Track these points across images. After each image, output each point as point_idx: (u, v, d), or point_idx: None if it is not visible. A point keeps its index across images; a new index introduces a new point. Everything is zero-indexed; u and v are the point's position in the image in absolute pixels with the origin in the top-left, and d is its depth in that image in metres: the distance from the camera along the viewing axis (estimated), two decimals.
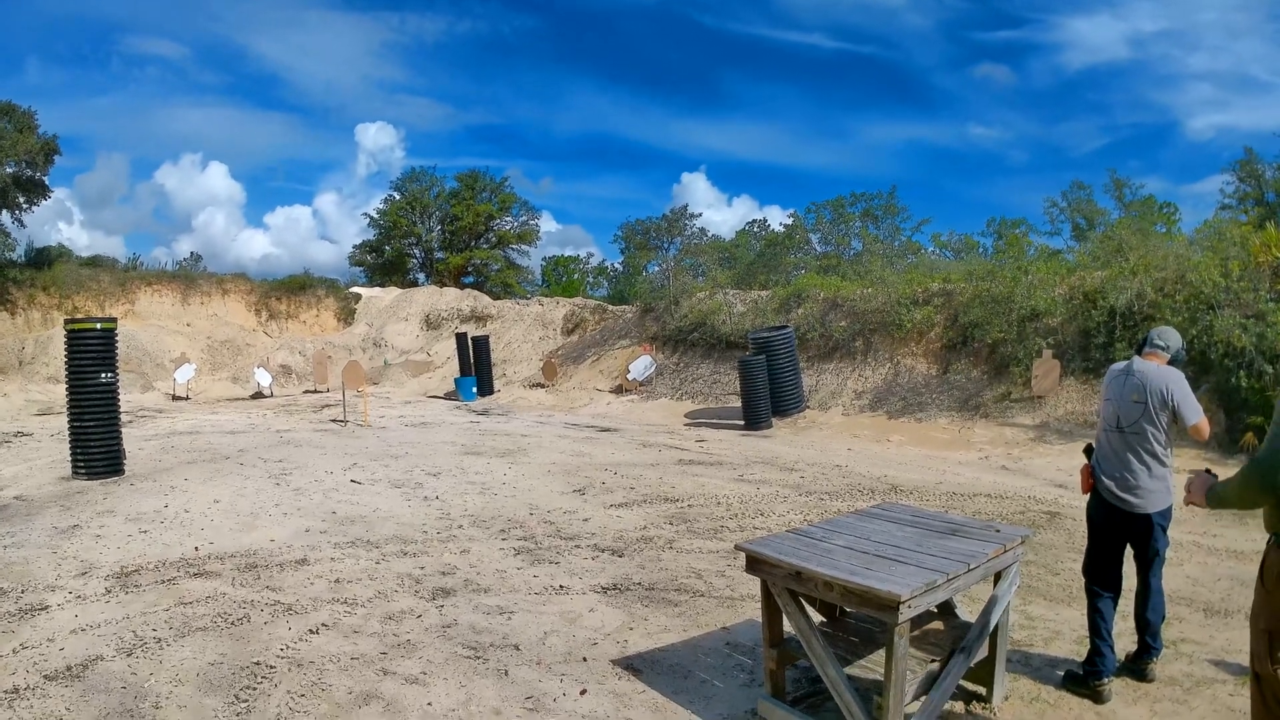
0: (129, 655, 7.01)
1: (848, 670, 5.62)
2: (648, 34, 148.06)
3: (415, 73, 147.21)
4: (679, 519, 12.06)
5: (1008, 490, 14.01)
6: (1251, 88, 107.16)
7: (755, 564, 5.95)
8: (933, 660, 5.73)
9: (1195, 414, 6.58)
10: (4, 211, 39.49)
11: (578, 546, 10.59)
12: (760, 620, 6.29)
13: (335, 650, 7.15)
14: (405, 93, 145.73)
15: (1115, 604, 6.72)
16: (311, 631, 7.57)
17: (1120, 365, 6.90)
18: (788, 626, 5.93)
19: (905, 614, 5.01)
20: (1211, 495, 4.54)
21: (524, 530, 11.42)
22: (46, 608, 8.19)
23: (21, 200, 40.07)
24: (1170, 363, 6.80)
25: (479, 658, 7.06)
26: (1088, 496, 6.82)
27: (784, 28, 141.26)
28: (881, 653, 5.51)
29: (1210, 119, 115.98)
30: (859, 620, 6.54)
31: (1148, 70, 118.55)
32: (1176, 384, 6.61)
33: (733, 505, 12.94)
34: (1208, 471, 4.76)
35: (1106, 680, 6.38)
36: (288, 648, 7.18)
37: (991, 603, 5.99)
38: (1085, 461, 6.93)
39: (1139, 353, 6.89)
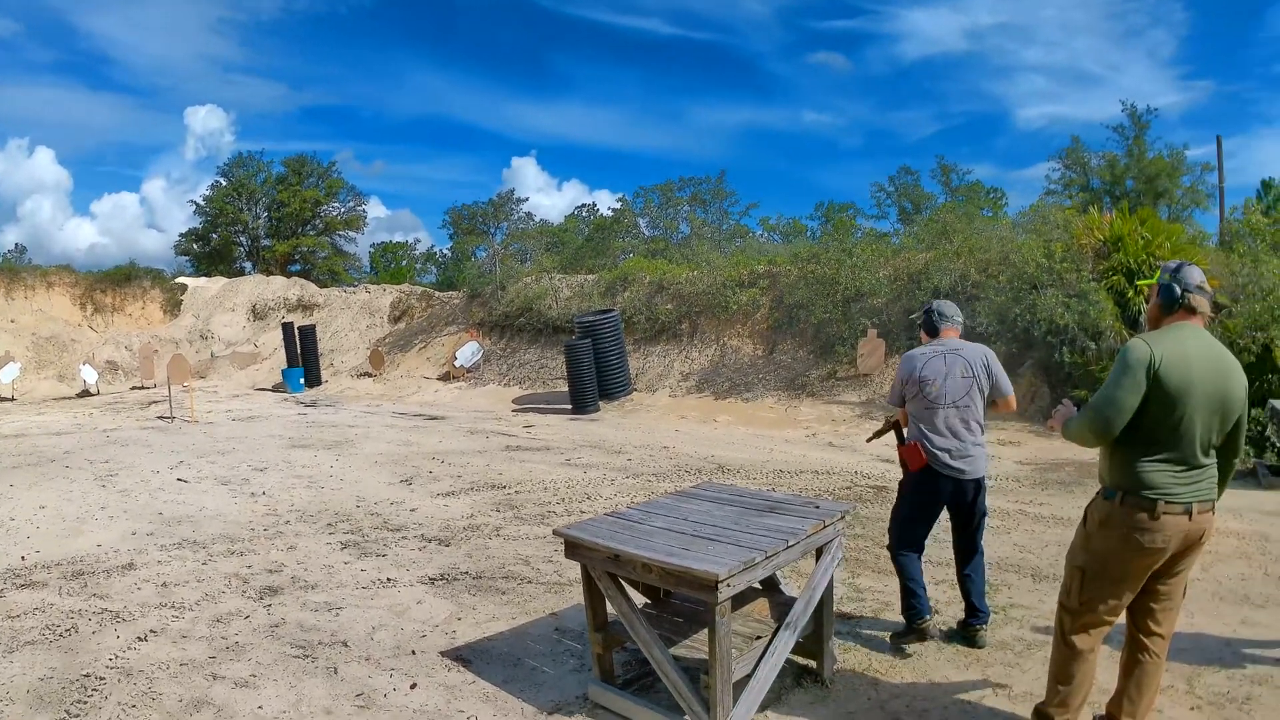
0: None
1: (674, 651, 5.75)
2: (484, 13, 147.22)
3: (251, 50, 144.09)
4: (506, 506, 12.30)
5: (834, 466, 14.52)
6: (1084, 81, 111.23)
7: (574, 548, 6.07)
8: (758, 637, 5.85)
9: (1010, 386, 7.16)
10: None
11: (405, 538, 10.75)
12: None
13: (164, 657, 7.09)
14: (240, 72, 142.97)
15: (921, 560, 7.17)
16: (140, 639, 7.52)
17: (930, 348, 7.14)
18: (612, 610, 5.99)
19: (725, 593, 5.10)
20: (1066, 426, 5.14)
21: (351, 523, 11.55)
22: None
23: None
24: (945, 317, 7.28)
25: (308, 656, 7.09)
26: (920, 472, 7.08)
27: (621, 12, 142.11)
28: (706, 632, 5.56)
29: (1041, 109, 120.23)
30: (683, 600, 6.58)
31: (983, 62, 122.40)
32: (992, 358, 7.11)
33: (560, 490, 13.23)
34: (1073, 402, 5.35)
35: (928, 617, 6.93)
36: (117, 657, 7.13)
37: (814, 578, 6.13)
38: (898, 443, 7.46)
39: (933, 332, 7.24)
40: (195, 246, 69.22)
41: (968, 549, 7.17)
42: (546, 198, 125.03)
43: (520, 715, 6.05)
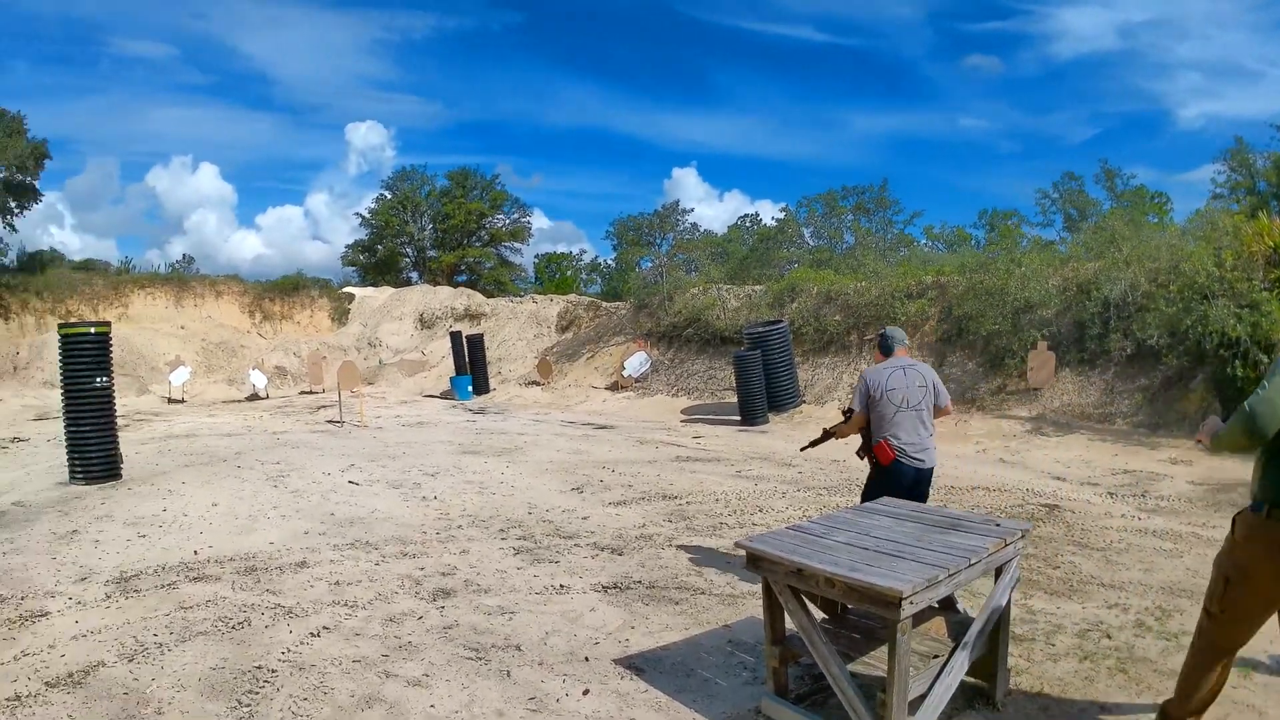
0: (130, 661, 6.97)
1: (850, 667, 5.54)
2: (634, 28, 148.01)
3: (404, 70, 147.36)
4: (678, 516, 12.00)
5: (1005, 483, 13.95)
6: (1240, 76, 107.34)
7: (756, 561, 5.88)
8: (935, 656, 5.66)
9: (948, 397, 8.68)
10: None
11: (577, 545, 10.54)
12: (761, 618, 6.25)
13: (337, 653, 7.10)
14: (394, 90, 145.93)
15: None
16: (312, 634, 7.52)
17: (889, 365, 8.44)
18: (789, 624, 5.82)
19: (907, 610, 4.93)
20: (1214, 438, 4.85)
21: (523, 529, 11.37)
22: (46, 614, 8.16)
23: (12, 205, 40.15)
24: (893, 343, 8.63)
25: (481, 659, 6.99)
26: (890, 465, 8.32)
27: (770, 20, 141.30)
28: (884, 649, 5.46)
29: (1201, 108, 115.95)
30: (860, 617, 6.44)
31: (1138, 60, 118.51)
32: (934, 373, 8.60)
33: (731, 502, 12.88)
34: (1218, 417, 5.08)
35: None
36: (289, 651, 7.13)
37: (993, 598, 5.94)
38: (863, 443, 8.66)
39: (888, 352, 8.56)
40: (362, 257, 70.36)
41: None
42: (709, 208, 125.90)
43: None
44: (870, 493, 8.44)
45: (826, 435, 9.11)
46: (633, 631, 7.65)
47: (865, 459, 8.69)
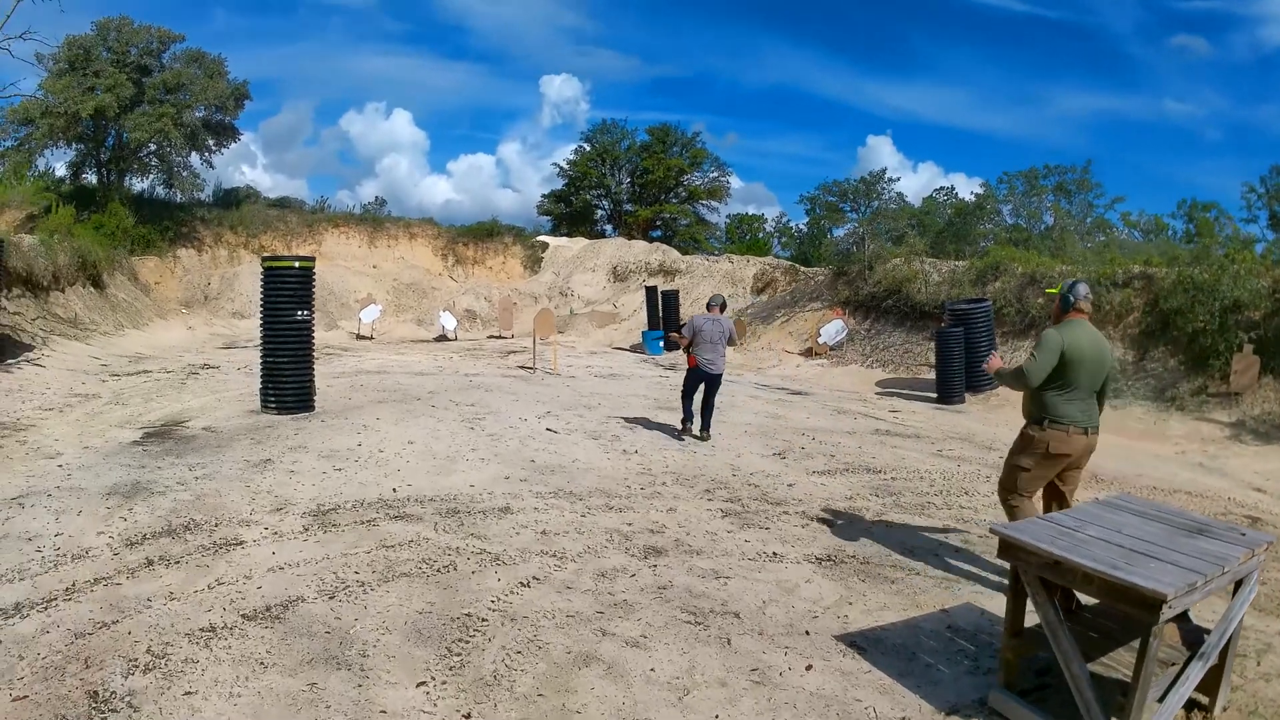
0: (331, 598, 6.82)
1: (1091, 667, 5.40)
2: None
3: (602, 23, 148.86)
4: (884, 491, 11.61)
5: (1207, 489, 13.29)
6: None
7: (1010, 549, 5.75)
8: (1172, 664, 5.51)
9: (735, 335, 14.77)
10: (193, 153, 40.78)
11: (785, 513, 10.20)
12: (978, 606, 7.32)
13: (549, 606, 6.98)
14: (591, 44, 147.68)
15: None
16: (522, 585, 7.38)
17: (707, 316, 14.49)
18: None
19: (1167, 614, 4.85)
20: (998, 374, 8.11)
21: (729, 492, 11.05)
22: (242, 543, 8.05)
23: (211, 143, 41.28)
24: (722, 310, 14.66)
25: (699, 624, 6.82)
26: (694, 367, 14.35)
27: None
28: (1118, 651, 5.75)
29: None
30: (1096, 616, 6.35)
31: None
32: (730, 323, 14.56)
33: (935, 481, 12.44)
34: (998, 354, 8.79)
35: (690, 423, 14.81)
36: (499, 600, 7.02)
37: (1231, 610, 5.75)
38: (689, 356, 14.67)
39: (711, 309, 14.68)
40: (558, 207, 70.70)
41: (708, 401, 14.65)
42: (902, 178, 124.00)
43: (919, 713, 5.73)
44: (687, 380, 14.84)
45: (671, 342, 16.67)
46: (850, 608, 7.43)
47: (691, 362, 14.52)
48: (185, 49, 39.56)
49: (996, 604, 7.32)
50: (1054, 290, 8.38)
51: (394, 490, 10.12)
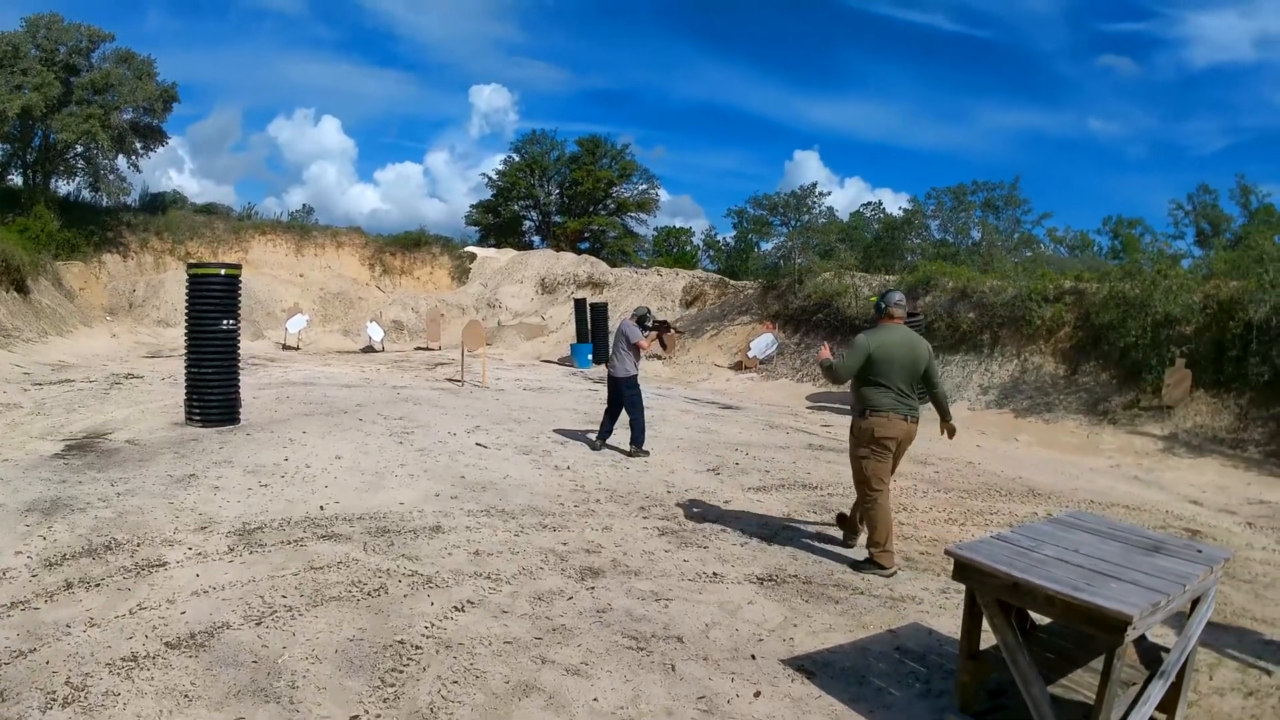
0: (258, 624, 6.58)
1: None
2: (767, 3, 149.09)
3: (532, 35, 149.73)
4: (821, 507, 11.54)
5: (1143, 503, 13.33)
6: None
7: (966, 571, 5.57)
8: (1131, 684, 5.41)
9: (635, 337, 14.45)
10: (120, 156, 40.78)
11: (723, 530, 10.12)
12: (925, 625, 7.28)
13: (485, 632, 6.75)
14: (522, 55, 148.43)
15: (613, 423, 14.87)
16: (456, 609, 7.17)
17: (622, 324, 14.95)
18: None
19: (1131, 635, 4.76)
20: (820, 364, 9.13)
21: (664, 509, 10.95)
22: (165, 564, 7.78)
23: (138, 145, 41.31)
24: (636, 319, 14.67)
25: (641, 649, 6.65)
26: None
27: (904, 6, 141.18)
28: (1076, 673, 5.67)
29: None
30: (1051, 635, 6.25)
31: (1275, 72, 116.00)
32: (629, 328, 14.50)
33: None
34: (828, 347, 9.40)
35: (599, 440, 14.86)
36: (432, 626, 6.78)
37: (1189, 628, 5.73)
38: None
39: (642, 323, 14.70)
40: (487, 218, 70.82)
41: (610, 410, 14.89)
42: (830, 193, 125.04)
43: None
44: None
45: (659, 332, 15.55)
46: (796, 630, 7.28)
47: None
48: (115, 49, 39.56)
49: (943, 623, 7.31)
50: (873, 299, 9.86)
51: (321, 508, 9.88)
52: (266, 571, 7.71)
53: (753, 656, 6.64)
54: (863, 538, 9.27)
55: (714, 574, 8.52)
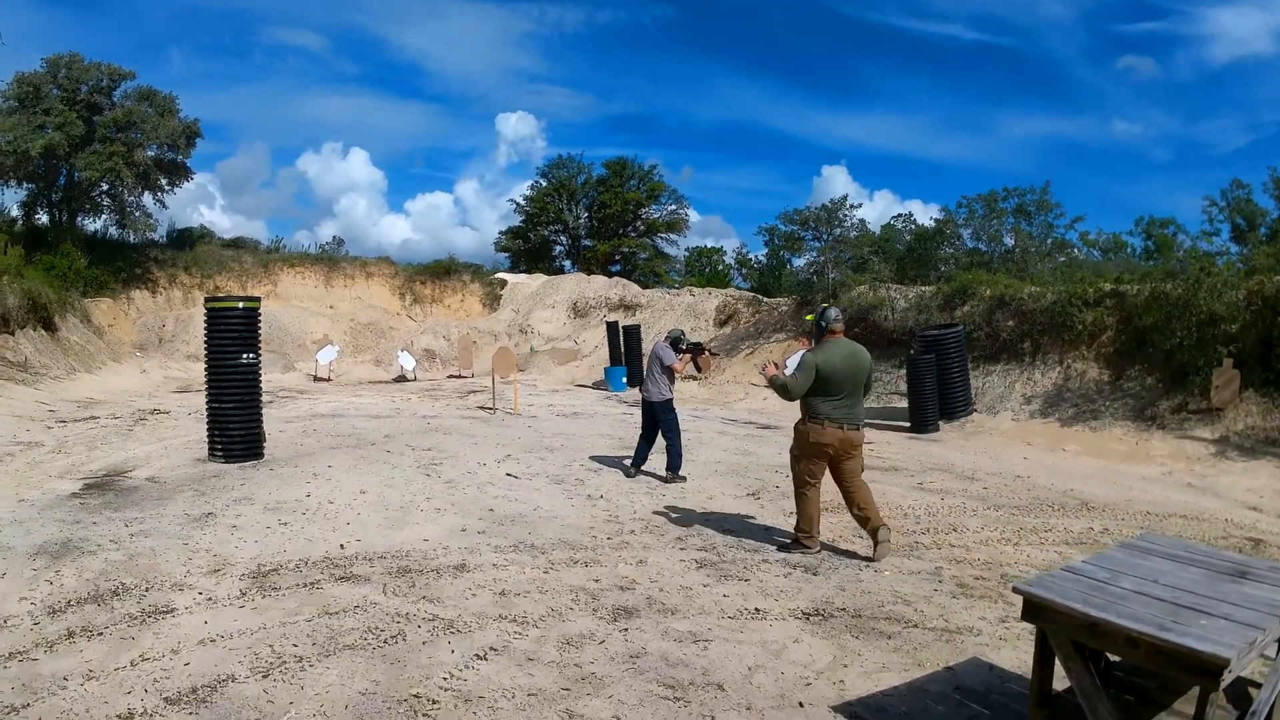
0: (265, 676, 6.19)
1: None
2: (788, 23, 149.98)
3: (555, 63, 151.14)
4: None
5: (1201, 512, 12.91)
6: None
7: (1036, 610, 5.02)
8: None
9: (669, 360, 14.10)
10: (146, 193, 41.14)
11: (765, 561, 9.61)
12: (985, 660, 6.69)
13: (508, 682, 6.28)
14: (545, 82, 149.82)
15: (649, 448, 14.47)
16: (478, 657, 6.70)
17: (656, 346, 14.53)
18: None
19: (1227, 680, 4.23)
20: (770, 381, 9.71)
21: (703, 539, 10.49)
22: (173, 610, 7.44)
23: (163, 181, 41.43)
24: (670, 341, 14.35)
25: (679, 699, 6.10)
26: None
27: (922, 18, 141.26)
28: (1160, 717, 5.20)
29: None
30: (1129, 674, 5.71)
31: None
32: (662, 351, 14.19)
33: (921, 518, 11.93)
34: (777, 366, 10.00)
35: (633, 468, 14.41)
36: (452, 676, 6.34)
37: None
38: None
39: (677, 345, 14.38)
40: (515, 244, 71.12)
41: (645, 434, 14.54)
42: (861, 206, 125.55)
43: None
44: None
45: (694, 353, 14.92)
46: (846, 671, 6.71)
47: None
48: (136, 86, 39.84)
49: (1004, 656, 6.84)
50: (811, 317, 10.49)
51: (342, 547, 9.55)
52: (279, 618, 7.35)
53: (800, 704, 6.13)
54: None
55: (756, 610, 8.02)
